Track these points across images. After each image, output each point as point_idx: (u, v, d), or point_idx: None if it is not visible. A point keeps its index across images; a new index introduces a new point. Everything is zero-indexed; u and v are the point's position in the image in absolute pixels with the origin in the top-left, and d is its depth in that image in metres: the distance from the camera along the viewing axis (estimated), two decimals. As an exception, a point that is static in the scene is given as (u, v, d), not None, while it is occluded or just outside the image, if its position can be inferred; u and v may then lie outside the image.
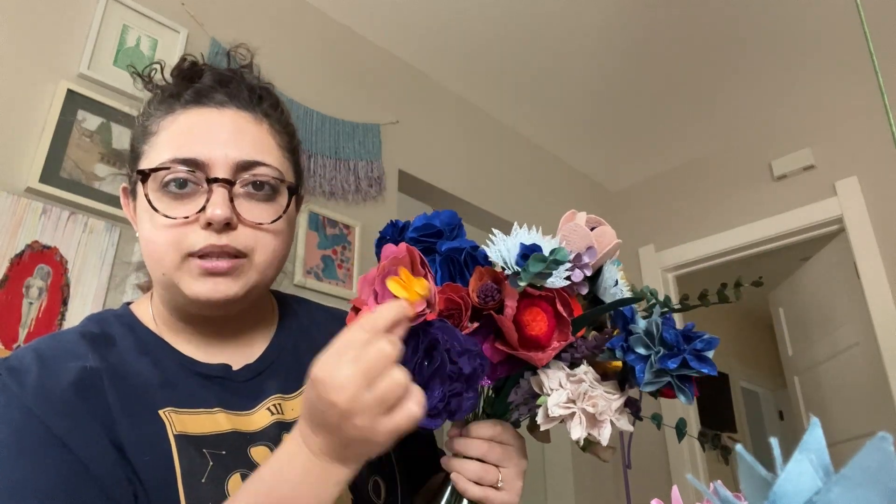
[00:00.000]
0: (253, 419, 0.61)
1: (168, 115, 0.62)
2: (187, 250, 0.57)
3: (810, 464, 0.20)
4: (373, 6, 2.28)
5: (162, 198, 0.58)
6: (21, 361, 0.56)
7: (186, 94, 0.62)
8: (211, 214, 0.56)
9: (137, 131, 0.64)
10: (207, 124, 0.61)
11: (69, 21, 1.64)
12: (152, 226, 0.58)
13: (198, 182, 0.58)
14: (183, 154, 0.58)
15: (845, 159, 2.59)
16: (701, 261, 3.01)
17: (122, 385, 0.57)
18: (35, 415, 0.52)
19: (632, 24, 2.34)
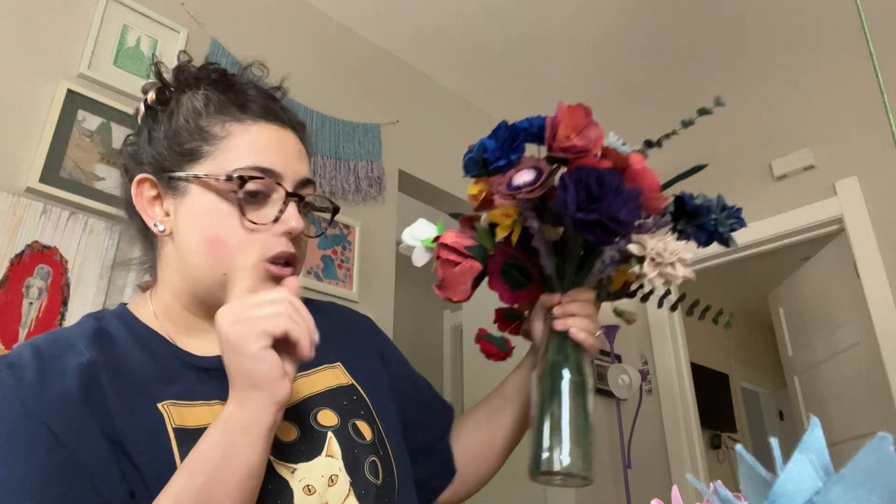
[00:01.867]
0: None
1: (236, 122, 0.65)
2: (265, 255, 0.62)
3: (810, 464, 0.20)
4: (373, 6, 2.28)
5: (231, 203, 0.62)
6: (20, 357, 0.56)
7: (252, 107, 0.66)
8: (295, 225, 0.63)
9: (188, 127, 0.65)
10: (280, 140, 0.66)
11: (69, 21, 1.64)
12: (226, 227, 0.61)
13: (270, 192, 0.63)
14: (266, 164, 0.63)
15: (845, 159, 2.59)
16: (701, 261, 3.01)
17: (121, 379, 0.58)
18: (31, 411, 0.52)
19: (632, 24, 2.34)
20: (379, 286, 2.14)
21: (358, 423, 0.66)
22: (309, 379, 0.67)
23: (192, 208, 0.63)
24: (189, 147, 0.64)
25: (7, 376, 0.54)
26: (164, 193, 0.65)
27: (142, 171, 0.66)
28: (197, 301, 0.65)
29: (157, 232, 0.65)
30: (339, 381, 0.69)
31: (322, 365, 0.70)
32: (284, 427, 0.61)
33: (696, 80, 2.62)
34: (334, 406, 0.66)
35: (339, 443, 0.63)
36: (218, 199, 0.62)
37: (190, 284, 0.64)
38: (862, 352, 2.58)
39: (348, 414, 0.66)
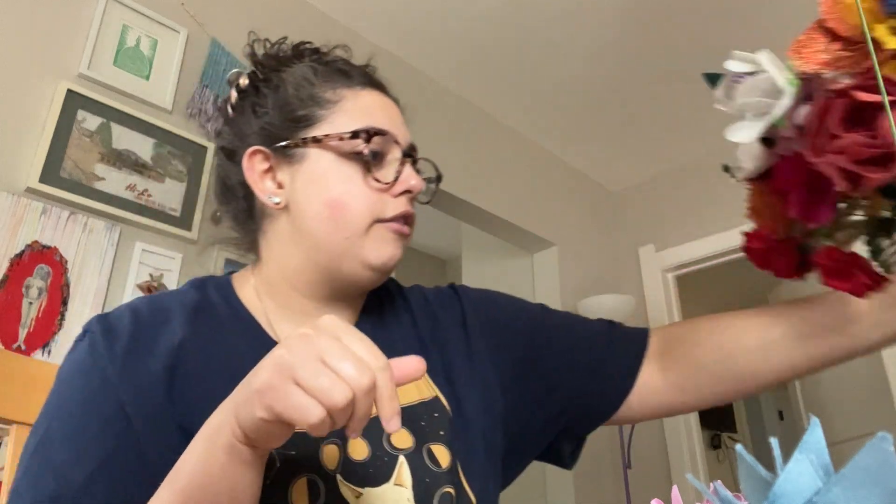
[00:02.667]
0: None
1: (347, 88, 0.65)
2: (379, 216, 0.61)
3: (810, 464, 0.20)
4: (373, 6, 2.28)
5: (351, 164, 0.61)
6: (119, 322, 0.56)
7: (357, 76, 0.67)
8: (415, 184, 0.62)
9: (300, 95, 0.64)
10: (386, 105, 0.67)
11: (69, 21, 1.64)
12: (347, 188, 0.60)
13: (385, 153, 0.62)
14: (382, 126, 0.63)
15: (845, 159, 2.58)
16: (701, 261, 3.01)
17: (209, 367, 0.56)
18: (112, 386, 0.52)
19: (632, 23, 2.34)
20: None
21: (434, 447, 0.60)
22: None
23: (311, 173, 0.62)
24: (302, 114, 0.63)
25: (100, 341, 0.54)
26: (276, 165, 0.63)
27: (251, 143, 0.64)
28: (314, 276, 0.62)
29: (272, 205, 0.63)
30: (420, 396, 0.62)
31: None
32: (356, 444, 0.57)
33: (697, 80, 2.61)
34: (411, 426, 0.59)
35: (410, 470, 0.57)
36: (338, 160, 0.61)
37: (309, 257, 0.62)
38: (862, 352, 2.57)
39: (425, 436, 0.60)
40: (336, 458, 0.55)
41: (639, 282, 3.15)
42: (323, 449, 0.55)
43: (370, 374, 0.40)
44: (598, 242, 3.21)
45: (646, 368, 0.69)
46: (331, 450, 0.56)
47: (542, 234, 2.88)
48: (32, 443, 0.52)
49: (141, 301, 0.60)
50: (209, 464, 0.44)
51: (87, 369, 0.54)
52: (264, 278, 0.65)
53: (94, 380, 0.53)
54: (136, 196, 1.62)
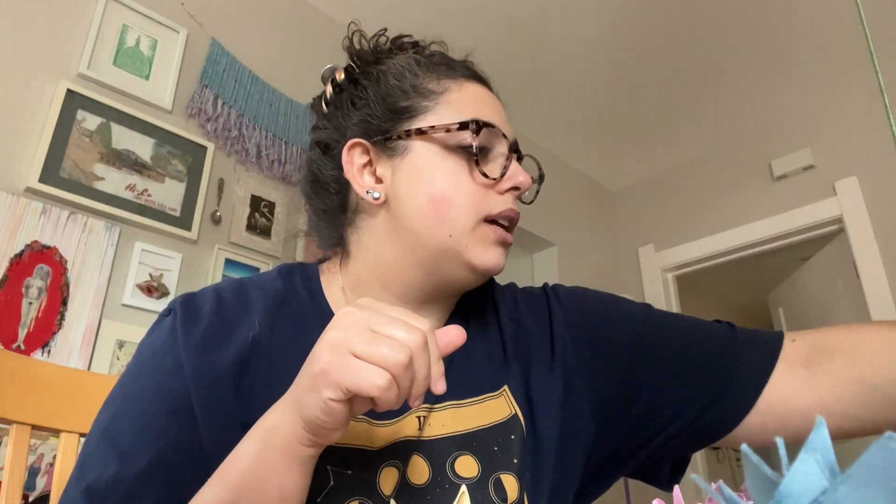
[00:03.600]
0: (395, 429, 0.55)
1: (451, 79, 0.62)
2: (485, 214, 0.57)
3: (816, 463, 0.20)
4: (372, 6, 2.28)
5: (457, 157, 0.58)
6: (201, 307, 0.56)
7: (460, 69, 0.64)
8: (521, 180, 0.58)
9: (402, 86, 0.61)
10: (492, 99, 0.63)
11: (69, 21, 1.64)
12: (453, 183, 0.57)
13: (492, 147, 0.59)
14: (491, 119, 0.59)
15: (845, 159, 2.59)
16: (701, 261, 3.01)
17: (282, 364, 0.54)
18: (184, 376, 0.52)
19: (632, 23, 2.34)
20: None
21: (503, 476, 0.54)
22: (459, 412, 0.57)
23: (414, 167, 0.58)
24: (405, 105, 0.60)
25: (181, 323, 0.54)
26: (376, 158, 0.61)
27: (351, 135, 0.61)
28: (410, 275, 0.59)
29: (371, 200, 0.59)
30: (497, 416, 0.57)
31: (482, 395, 0.58)
32: (417, 465, 0.53)
33: (697, 80, 2.62)
34: (479, 453, 0.55)
35: (472, 501, 0.53)
36: (444, 153, 0.58)
37: (407, 255, 0.59)
38: (862, 352, 2.57)
39: (494, 465, 0.54)
40: (394, 482, 0.53)
41: (639, 282, 3.15)
42: (381, 471, 0.52)
43: (420, 332, 0.42)
44: (598, 242, 3.21)
45: (785, 380, 0.58)
46: (390, 472, 0.53)
47: (542, 234, 2.88)
48: (105, 417, 0.52)
49: (227, 285, 0.59)
50: (261, 464, 0.44)
51: (165, 351, 0.53)
52: (353, 275, 0.62)
53: (168, 362, 0.53)
54: (135, 196, 1.62)
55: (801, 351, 0.59)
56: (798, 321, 3.12)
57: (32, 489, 1.29)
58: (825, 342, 0.58)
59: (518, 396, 0.59)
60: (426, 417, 0.55)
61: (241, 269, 1.77)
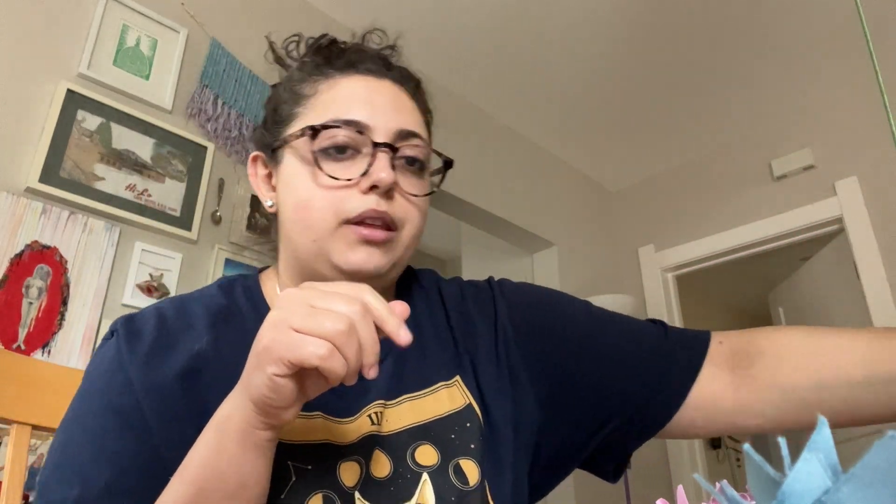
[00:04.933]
0: (350, 428, 0.56)
1: (324, 78, 0.61)
2: (345, 216, 0.56)
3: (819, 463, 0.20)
4: (373, 6, 2.28)
5: (321, 159, 0.57)
6: (143, 326, 0.57)
7: (340, 62, 0.62)
8: (378, 177, 0.55)
9: (284, 96, 0.62)
10: (368, 90, 0.60)
11: (69, 21, 1.64)
12: (309, 189, 0.57)
13: (358, 147, 0.57)
14: (348, 116, 0.57)
15: (845, 159, 2.59)
16: (701, 261, 3.01)
17: (230, 373, 0.53)
18: (132, 387, 0.53)
19: (632, 23, 2.34)
20: (379, 286, 2.14)
21: (463, 462, 0.56)
22: (416, 403, 0.58)
23: (285, 175, 0.60)
24: (284, 114, 0.61)
25: (123, 344, 0.55)
26: (272, 168, 0.63)
27: (255, 150, 0.64)
28: (301, 276, 0.60)
29: (268, 209, 0.62)
30: (452, 406, 0.59)
31: (436, 384, 0.60)
32: (379, 459, 0.55)
33: (697, 80, 2.62)
34: (438, 441, 0.57)
35: (434, 488, 0.54)
36: (300, 161, 0.58)
37: (296, 261, 0.60)
38: (862, 352, 2.57)
39: (453, 451, 0.56)
40: (357, 476, 0.53)
41: (639, 282, 3.15)
42: (342, 465, 0.54)
43: (358, 301, 0.43)
44: (598, 242, 3.21)
45: (711, 381, 0.61)
46: (351, 467, 0.54)
47: (542, 234, 2.88)
48: (60, 439, 0.53)
49: (168, 303, 0.60)
50: (219, 452, 0.45)
51: (111, 370, 0.54)
52: (282, 278, 0.64)
53: (116, 381, 0.54)
54: (135, 196, 1.62)
55: (727, 354, 0.62)
56: (798, 321, 3.12)
57: (33, 489, 1.29)
58: (749, 346, 0.61)
59: (470, 387, 0.61)
60: (382, 413, 0.57)
61: (241, 269, 1.77)
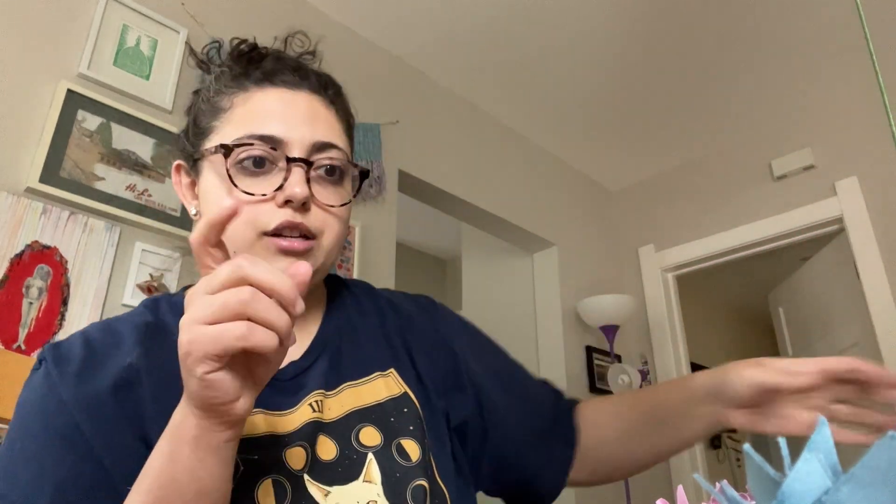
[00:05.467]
0: (292, 418, 0.58)
1: (240, 92, 0.62)
2: (262, 228, 0.57)
3: (819, 463, 0.20)
4: (373, 6, 2.28)
5: (236, 175, 0.58)
6: (69, 350, 0.57)
7: (257, 73, 0.62)
8: (291, 192, 0.56)
9: (203, 107, 0.63)
10: (283, 104, 0.61)
11: (69, 21, 1.64)
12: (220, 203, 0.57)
13: (274, 160, 0.58)
14: (262, 131, 0.58)
15: (845, 159, 2.59)
16: (701, 261, 3.01)
17: (163, 386, 0.55)
18: (68, 410, 0.53)
19: (632, 23, 2.34)
20: (379, 286, 2.14)
21: (404, 441, 0.60)
22: (356, 391, 0.62)
23: (204, 187, 0.61)
24: (203, 126, 0.63)
25: (52, 368, 0.55)
26: (195, 176, 0.64)
27: (177, 158, 0.65)
28: None
29: (192, 216, 0.63)
30: (389, 393, 0.63)
31: (373, 374, 0.64)
32: (324, 444, 0.57)
33: (697, 80, 2.62)
34: (379, 423, 0.60)
35: (379, 466, 0.57)
36: (216, 175, 0.59)
37: None
38: (862, 352, 2.57)
39: (394, 432, 0.60)
40: (304, 460, 0.56)
41: (639, 282, 3.15)
42: (287, 452, 0.56)
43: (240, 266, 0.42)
44: (598, 242, 3.21)
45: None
46: (297, 452, 0.56)
47: (542, 234, 2.88)
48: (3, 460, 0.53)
49: (93, 326, 0.61)
50: (173, 461, 0.45)
51: (43, 395, 0.54)
52: None
53: (50, 404, 0.54)
54: (136, 196, 1.62)
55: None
56: (798, 321, 3.13)
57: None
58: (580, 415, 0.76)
59: (408, 378, 0.65)
60: (323, 402, 0.59)
61: (242, 269, 1.77)
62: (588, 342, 2.87)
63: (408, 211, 3.31)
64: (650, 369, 2.98)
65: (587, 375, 2.79)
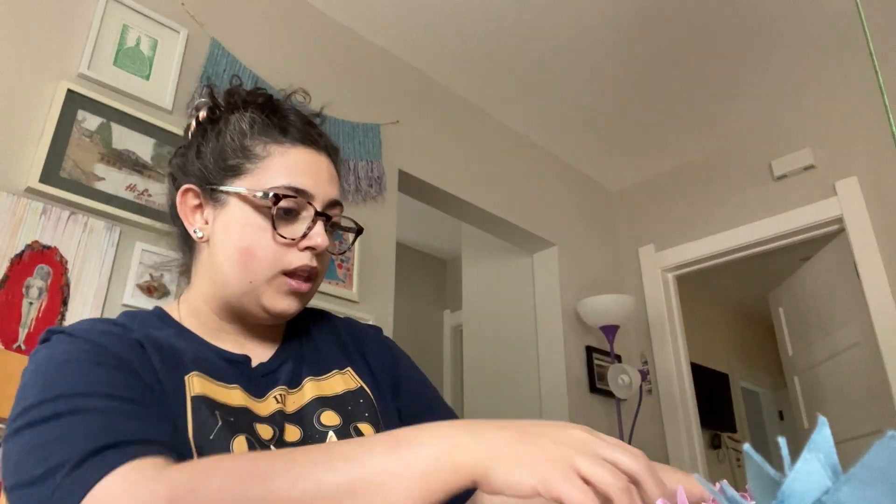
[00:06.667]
0: (263, 405, 0.66)
1: (276, 144, 0.71)
2: (284, 268, 0.67)
3: (819, 463, 0.20)
4: (373, 6, 2.28)
5: (264, 217, 0.67)
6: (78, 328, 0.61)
7: (294, 132, 0.72)
8: (315, 242, 0.68)
9: (233, 145, 0.71)
10: (314, 164, 0.72)
11: (69, 21, 1.64)
12: (256, 240, 0.67)
13: (300, 210, 0.69)
14: (300, 185, 0.69)
15: (845, 159, 2.59)
16: (701, 261, 3.01)
17: (160, 353, 0.63)
18: (104, 345, 0.59)
19: (633, 23, 2.34)
20: (379, 286, 2.14)
21: (360, 425, 0.68)
22: (318, 384, 0.71)
23: (228, 219, 0.69)
24: (232, 163, 0.70)
25: (67, 335, 0.60)
26: (205, 203, 0.71)
27: (187, 181, 0.72)
28: (224, 305, 0.71)
29: (196, 238, 0.71)
30: (347, 386, 0.73)
31: (331, 371, 0.74)
32: (290, 430, 0.65)
33: (697, 80, 2.62)
34: (338, 409, 0.69)
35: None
36: (254, 213, 0.68)
37: (219, 290, 0.70)
38: (862, 352, 2.58)
39: (352, 417, 0.69)
40: (271, 436, 0.63)
41: (639, 282, 3.15)
42: (258, 426, 0.63)
43: (642, 462, 0.41)
44: (598, 242, 3.21)
45: None
46: (266, 429, 0.63)
47: (542, 234, 2.88)
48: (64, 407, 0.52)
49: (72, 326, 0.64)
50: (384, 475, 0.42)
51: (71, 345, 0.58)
52: (190, 301, 0.73)
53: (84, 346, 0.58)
54: (136, 196, 1.62)
55: None
56: (798, 321, 3.13)
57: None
58: None
59: (363, 376, 0.75)
60: (285, 396, 0.68)
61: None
62: (588, 342, 2.87)
63: (408, 211, 3.31)
64: (650, 369, 2.98)
65: (587, 375, 2.79)
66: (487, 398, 3.02)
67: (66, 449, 0.48)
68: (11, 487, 0.50)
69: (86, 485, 0.45)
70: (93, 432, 0.49)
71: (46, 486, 0.47)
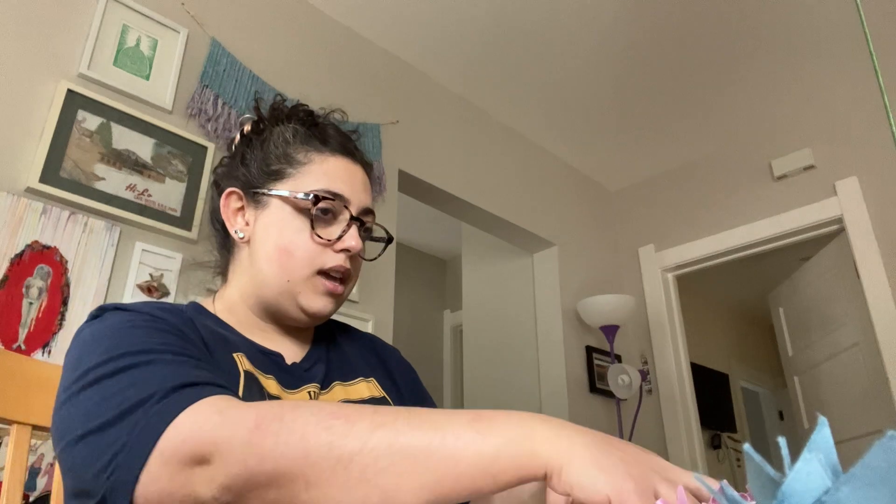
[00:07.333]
0: (294, 397, 0.69)
1: (317, 152, 0.76)
2: (320, 267, 0.71)
3: (819, 463, 0.20)
4: (373, 6, 2.28)
5: (304, 218, 0.71)
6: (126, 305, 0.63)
7: (333, 143, 0.77)
8: (350, 244, 0.72)
9: (277, 153, 0.76)
10: (351, 173, 0.77)
11: (69, 21, 1.64)
12: (295, 239, 0.71)
13: (336, 213, 0.73)
14: (337, 190, 0.73)
15: (845, 159, 2.59)
16: (701, 261, 3.01)
17: (208, 332, 0.67)
18: (162, 317, 0.61)
19: (632, 23, 2.34)
20: (379, 286, 2.14)
21: None
22: (346, 388, 0.74)
23: (269, 220, 0.73)
24: (275, 168, 0.75)
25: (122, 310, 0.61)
26: (247, 206, 0.75)
27: (231, 185, 0.76)
28: (260, 303, 0.74)
29: (237, 238, 0.75)
30: (371, 394, 0.75)
31: (357, 378, 0.77)
32: None
33: (697, 80, 2.62)
34: None
35: None
36: (293, 214, 0.72)
37: (258, 288, 0.73)
38: (862, 352, 2.57)
39: None
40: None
41: (639, 282, 3.15)
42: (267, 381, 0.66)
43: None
44: (598, 242, 3.21)
45: None
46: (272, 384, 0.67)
47: (542, 234, 2.88)
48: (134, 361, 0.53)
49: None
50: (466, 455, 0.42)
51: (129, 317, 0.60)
52: (226, 298, 0.76)
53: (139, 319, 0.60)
54: (136, 196, 1.62)
55: None
56: (798, 321, 3.13)
57: (33, 489, 1.29)
58: None
59: (387, 387, 0.78)
60: (317, 394, 0.71)
61: (242, 269, 1.77)
62: (588, 342, 2.87)
63: (408, 211, 3.31)
64: (650, 369, 2.98)
65: (587, 375, 2.79)
66: (487, 398, 3.02)
67: (146, 388, 0.49)
68: (79, 437, 0.49)
69: (173, 412, 0.47)
70: (170, 374, 0.51)
71: (126, 423, 0.48)
